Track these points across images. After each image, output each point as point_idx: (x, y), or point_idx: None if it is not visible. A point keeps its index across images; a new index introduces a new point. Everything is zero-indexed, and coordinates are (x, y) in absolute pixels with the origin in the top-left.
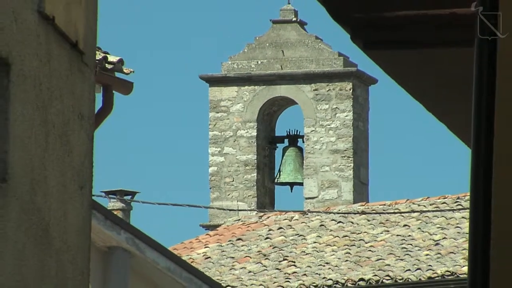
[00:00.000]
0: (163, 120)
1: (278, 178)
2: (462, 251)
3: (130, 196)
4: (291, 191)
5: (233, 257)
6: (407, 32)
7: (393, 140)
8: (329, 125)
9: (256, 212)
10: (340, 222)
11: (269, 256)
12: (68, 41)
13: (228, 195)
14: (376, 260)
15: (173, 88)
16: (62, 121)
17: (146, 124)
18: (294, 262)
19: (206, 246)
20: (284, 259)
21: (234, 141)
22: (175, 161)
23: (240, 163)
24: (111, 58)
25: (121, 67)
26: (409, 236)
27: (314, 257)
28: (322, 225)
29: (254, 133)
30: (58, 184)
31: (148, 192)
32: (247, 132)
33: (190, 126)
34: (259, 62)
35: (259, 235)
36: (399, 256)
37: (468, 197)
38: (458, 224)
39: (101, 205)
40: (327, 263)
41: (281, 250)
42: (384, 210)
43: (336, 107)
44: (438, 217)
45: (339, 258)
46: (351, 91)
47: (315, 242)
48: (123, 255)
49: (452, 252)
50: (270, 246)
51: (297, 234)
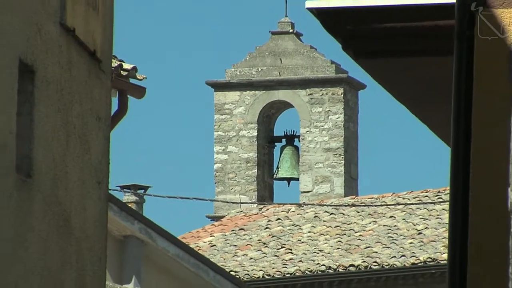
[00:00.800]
0: (173, 122)
1: (277, 174)
2: (443, 240)
3: (143, 190)
4: (288, 186)
5: (236, 245)
6: (393, 43)
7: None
8: (323, 126)
9: (257, 205)
10: (332, 214)
11: (268, 244)
12: (87, 50)
13: (231, 189)
14: (365, 248)
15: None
16: (82, 123)
17: (158, 125)
18: (291, 250)
19: (212, 235)
20: (282, 247)
21: (237, 141)
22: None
23: (242, 160)
24: (126, 66)
25: (135, 74)
26: (395, 226)
27: (309, 245)
28: (316, 217)
29: (255, 133)
30: (78, 180)
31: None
32: (249, 132)
33: (197, 127)
34: (259, 69)
35: (259, 225)
36: (386, 244)
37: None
38: (439, 215)
39: (117, 198)
40: (321, 251)
41: (279, 239)
42: (372, 203)
43: (329, 110)
44: (421, 209)
45: (332, 246)
46: (342, 96)
47: (310, 232)
48: (137, 243)
49: (434, 241)
50: (269, 235)
51: (294, 225)
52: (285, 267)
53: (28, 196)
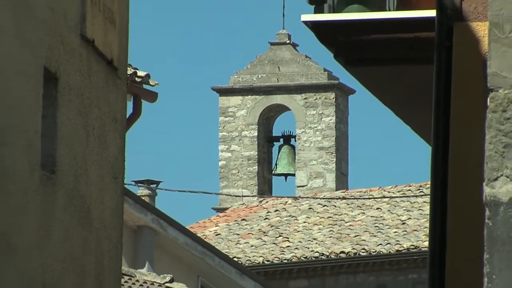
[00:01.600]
0: (182, 123)
1: (275, 170)
2: (424, 229)
3: (155, 185)
4: (286, 181)
5: (239, 234)
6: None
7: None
8: (316, 127)
9: (257, 198)
10: (325, 206)
11: (268, 233)
12: (105, 59)
13: (235, 184)
14: (354, 237)
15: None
16: (100, 124)
17: (168, 126)
18: (288, 238)
19: (217, 225)
20: (280, 236)
21: (239, 140)
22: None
23: (244, 158)
24: (140, 73)
25: (148, 80)
26: (381, 217)
27: (304, 234)
28: (311, 208)
29: (255, 134)
30: (97, 175)
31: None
32: (250, 133)
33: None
34: (260, 76)
35: (260, 216)
36: (373, 233)
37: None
38: (421, 207)
39: (132, 192)
40: (315, 239)
41: (277, 229)
42: (361, 196)
43: (322, 113)
44: (404, 202)
45: (324, 235)
46: (334, 100)
47: (305, 222)
48: (150, 233)
49: (416, 230)
50: (268, 225)
51: (290, 216)
52: (283, 254)
53: (52, 191)
